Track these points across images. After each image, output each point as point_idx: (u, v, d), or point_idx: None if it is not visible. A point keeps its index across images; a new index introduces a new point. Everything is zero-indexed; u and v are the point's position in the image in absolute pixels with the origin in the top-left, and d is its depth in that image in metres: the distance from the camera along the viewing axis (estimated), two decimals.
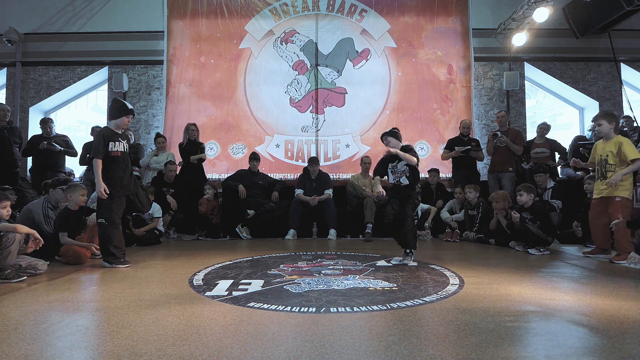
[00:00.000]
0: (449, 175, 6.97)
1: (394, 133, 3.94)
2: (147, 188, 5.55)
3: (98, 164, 3.60)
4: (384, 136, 3.96)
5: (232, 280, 3.02)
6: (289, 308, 2.29)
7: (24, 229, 3.18)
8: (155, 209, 5.42)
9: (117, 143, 3.71)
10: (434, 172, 6.56)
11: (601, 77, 7.76)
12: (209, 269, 3.51)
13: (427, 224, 5.97)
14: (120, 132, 3.82)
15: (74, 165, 7.06)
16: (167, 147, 6.85)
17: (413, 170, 3.80)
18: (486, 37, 7.71)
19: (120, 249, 3.71)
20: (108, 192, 3.58)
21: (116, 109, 3.82)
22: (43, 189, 5.00)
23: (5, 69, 7.85)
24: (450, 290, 2.71)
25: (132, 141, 6.81)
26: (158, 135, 6.81)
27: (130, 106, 3.88)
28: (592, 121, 4.39)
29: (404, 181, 3.80)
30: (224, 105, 7.62)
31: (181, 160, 6.46)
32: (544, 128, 6.53)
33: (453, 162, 6.69)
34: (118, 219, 3.74)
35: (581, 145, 6.18)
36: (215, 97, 7.63)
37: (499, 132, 6.25)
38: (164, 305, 2.37)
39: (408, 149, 3.85)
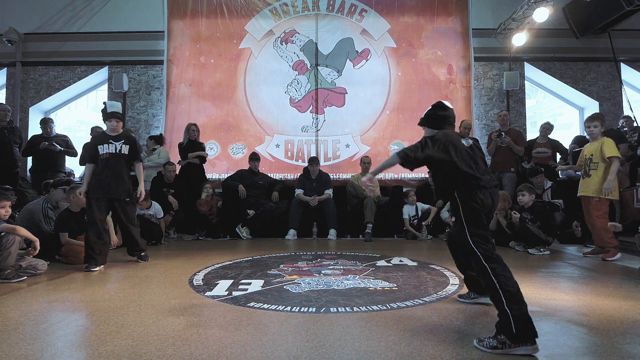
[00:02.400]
0: None
1: (427, 117, 2.34)
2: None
3: (86, 168, 3.88)
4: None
5: (232, 280, 3.02)
6: (289, 308, 2.29)
7: (24, 232, 3.17)
8: (157, 209, 5.42)
9: (105, 145, 3.82)
10: None
11: (601, 77, 7.76)
12: (209, 269, 3.51)
13: (424, 223, 5.97)
14: (115, 134, 3.88)
15: (74, 165, 7.06)
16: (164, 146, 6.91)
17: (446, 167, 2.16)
18: (486, 37, 7.71)
19: (94, 250, 3.61)
20: (81, 195, 3.82)
21: (102, 112, 3.90)
22: (43, 188, 5.00)
23: (5, 69, 7.85)
24: (450, 290, 2.72)
25: None
26: (150, 137, 6.84)
27: (111, 109, 3.87)
28: (586, 122, 4.40)
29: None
30: (224, 105, 7.62)
31: (180, 159, 6.46)
32: (547, 128, 6.53)
33: None
34: (97, 220, 3.71)
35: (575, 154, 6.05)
36: (215, 97, 7.63)
37: (503, 133, 6.24)
38: (164, 305, 2.37)
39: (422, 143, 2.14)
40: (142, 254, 4.00)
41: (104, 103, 3.93)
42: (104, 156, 3.79)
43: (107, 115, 3.85)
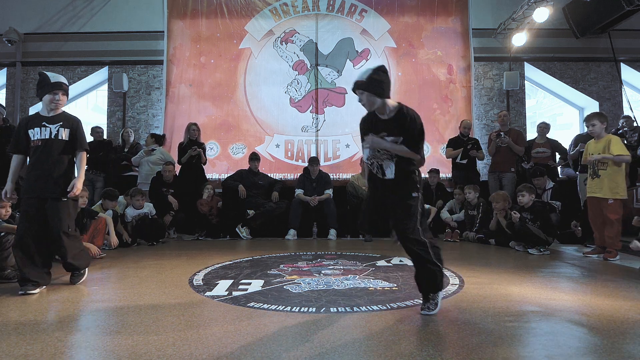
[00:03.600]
0: (449, 175, 6.97)
1: (372, 82, 2.18)
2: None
3: (12, 159, 2.98)
4: (356, 90, 2.26)
5: (232, 280, 3.02)
6: (289, 308, 2.29)
7: None
8: (151, 208, 5.44)
9: (37, 130, 2.85)
10: (434, 172, 6.55)
11: (601, 77, 7.76)
12: (209, 269, 3.51)
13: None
14: (51, 115, 2.90)
15: None
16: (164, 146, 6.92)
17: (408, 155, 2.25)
18: (486, 37, 7.71)
19: (26, 274, 2.71)
20: (7, 196, 2.96)
21: (39, 85, 2.91)
22: None
23: (5, 69, 7.85)
24: (450, 290, 2.72)
25: (132, 140, 6.82)
26: (151, 135, 6.83)
27: (56, 79, 2.88)
28: (584, 121, 4.39)
29: (389, 173, 2.24)
30: (224, 105, 7.62)
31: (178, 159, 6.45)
32: (544, 127, 6.53)
33: (452, 162, 6.69)
34: (24, 232, 2.77)
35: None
36: (215, 97, 7.63)
37: (502, 133, 6.24)
38: (164, 305, 2.37)
39: (408, 128, 2.21)
40: (74, 274, 3.00)
41: (45, 73, 2.90)
42: (35, 143, 2.85)
43: (51, 85, 2.84)
